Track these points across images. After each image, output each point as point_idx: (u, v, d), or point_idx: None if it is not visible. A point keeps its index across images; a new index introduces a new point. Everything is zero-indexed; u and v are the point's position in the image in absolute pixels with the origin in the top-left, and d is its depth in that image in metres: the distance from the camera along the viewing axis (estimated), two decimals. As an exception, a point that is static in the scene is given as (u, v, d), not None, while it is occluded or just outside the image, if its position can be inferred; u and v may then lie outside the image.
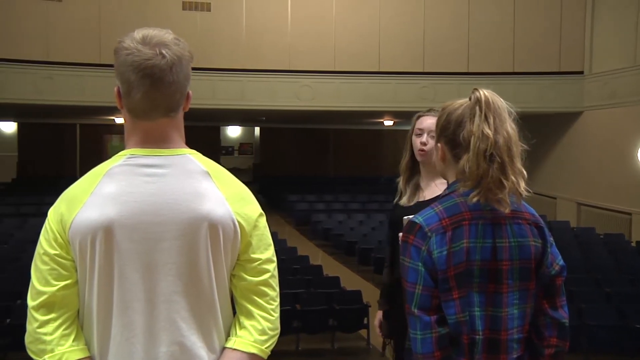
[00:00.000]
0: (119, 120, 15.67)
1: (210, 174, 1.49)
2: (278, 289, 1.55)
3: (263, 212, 1.56)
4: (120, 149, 1.51)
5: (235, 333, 1.50)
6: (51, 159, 19.46)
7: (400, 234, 1.70)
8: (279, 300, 1.55)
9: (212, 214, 1.44)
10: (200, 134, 15.91)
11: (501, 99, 1.65)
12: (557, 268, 1.69)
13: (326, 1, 13.04)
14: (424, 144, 2.66)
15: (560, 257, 1.71)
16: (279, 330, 1.54)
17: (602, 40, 12.49)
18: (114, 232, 1.39)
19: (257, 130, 23.32)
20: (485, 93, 1.63)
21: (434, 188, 2.68)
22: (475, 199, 1.60)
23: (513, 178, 1.59)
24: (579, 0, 12.89)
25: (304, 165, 21.66)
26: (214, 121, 20.25)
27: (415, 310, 1.59)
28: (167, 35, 1.44)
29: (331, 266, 9.48)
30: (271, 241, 1.56)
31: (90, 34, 12.14)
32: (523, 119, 1.70)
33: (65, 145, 20.10)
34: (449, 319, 1.59)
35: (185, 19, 12.45)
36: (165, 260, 1.42)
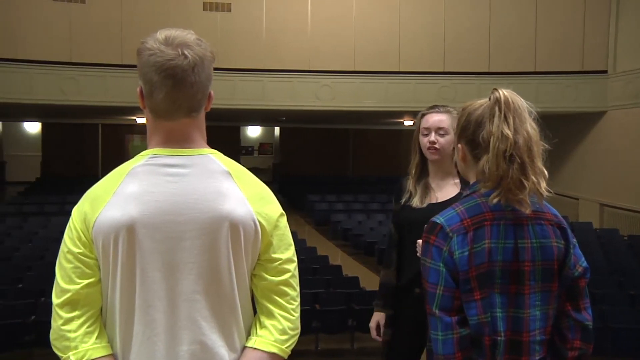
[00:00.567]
0: (141, 120, 15.83)
1: (231, 174, 1.49)
2: (298, 289, 1.55)
3: (284, 212, 1.56)
4: (142, 149, 1.52)
5: (256, 332, 1.51)
6: (74, 158, 19.73)
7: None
8: (299, 300, 1.55)
9: (233, 214, 1.44)
10: (221, 134, 15.96)
11: (521, 99, 1.63)
12: (581, 270, 1.67)
13: (346, 1, 13.03)
14: (433, 142, 2.60)
15: (583, 259, 1.69)
16: (299, 330, 1.54)
17: (627, 38, 12.29)
18: (136, 232, 1.40)
19: (277, 130, 23.39)
20: (504, 93, 1.61)
21: (448, 188, 2.62)
22: (495, 200, 1.59)
23: (534, 178, 1.57)
24: (602, -2, 12.74)
25: (324, 165, 21.67)
26: (234, 121, 20.34)
27: (437, 311, 1.58)
28: (190, 36, 1.45)
29: (350, 266, 9.46)
30: (292, 241, 1.56)
31: (113, 35, 12.27)
32: (544, 119, 1.68)
33: (88, 145, 20.36)
34: (471, 320, 1.58)
35: (206, 19, 12.53)
36: (186, 259, 1.42)
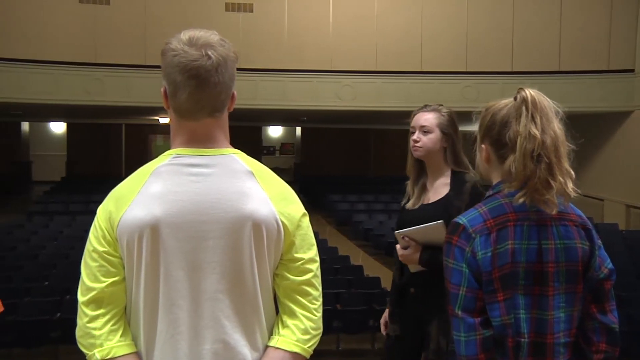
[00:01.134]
0: (163, 120, 15.98)
1: (254, 174, 1.50)
2: (321, 289, 1.55)
3: (306, 212, 1.57)
4: (164, 149, 1.53)
5: (278, 332, 1.51)
6: (98, 158, 19.99)
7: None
8: (321, 299, 1.55)
9: (256, 214, 1.45)
10: (242, 134, 16.02)
11: (547, 99, 1.62)
12: (606, 271, 1.65)
13: (368, 1, 13.01)
14: (416, 141, 2.62)
15: (609, 261, 1.67)
16: (321, 330, 1.54)
17: (654, 36, 12.10)
18: (160, 231, 1.41)
19: (299, 130, 23.41)
20: (531, 92, 1.61)
21: (440, 189, 2.61)
22: (521, 200, 1.57)
23: (561, 179, 1.56)
24: (629, -5, 12.55)
25: (345, 165, 21.65)
26: (255, 121, 20.43)
27: (459, 312, 1.57)
28: (213, 37, 1.46)
29: (372, 266, 9.45)
30: (314, 241, 1.56)
31: (136, 36, 12.42)
32: (569, 119, 1.67)
33: (112, 144, 20.62)
34: (494, 322, 1.57)
35: (228, 20, 12.61)
36: (209, 258, 1.43)
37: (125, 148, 20.94)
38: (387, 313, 2.80)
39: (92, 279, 1.44)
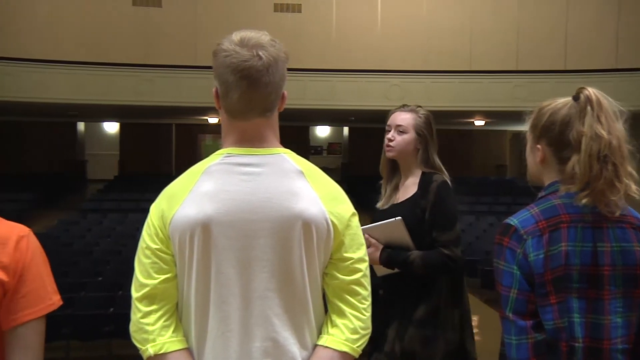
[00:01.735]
0: (212, 120, 16.21)
1: (304, 173, 1.51)
2: (370, 288, 1.55)
3: (355, 212, 1.57)
4: (214, 148, 1.56)
5: (327, 331, 1.51)
6: (149, 157, 20.42)
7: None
8: (370, 299, 1.55)
9: (306, 213, 1.46)
10: (290, 134, 16.09)
11: (609, 98, 1.59)
12: (666, 276, 1.59)
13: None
14: (390, 140, 2.58)
15: (669, 265, 1.61)
16: (370, 330, 1.54)
17: None
18: (212, 229, 1.43)
19: (346, 130, 23.40)
20: (594, 92, 1.58)
21: (409, 188, 2.58)
22: (584, 201, 1.54)
23: (625, 180, 1.52)
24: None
25: (392, 165, 21.49)
26: (303, 121, 20.50)
27: (510, 315, 1.54)
28: (264, 37, 1.47)
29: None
30: (363, 241, 1.56)
31: (187, 37, 12.65)
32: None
33: (162, 144, 21.04)
34: (546, 325, 1.53)
35: (276, 20, 12.71)
36: (259, 257, 1.45)
37: (175, 148, 21.35)
38: None
39: (145, 276, 1.47)
